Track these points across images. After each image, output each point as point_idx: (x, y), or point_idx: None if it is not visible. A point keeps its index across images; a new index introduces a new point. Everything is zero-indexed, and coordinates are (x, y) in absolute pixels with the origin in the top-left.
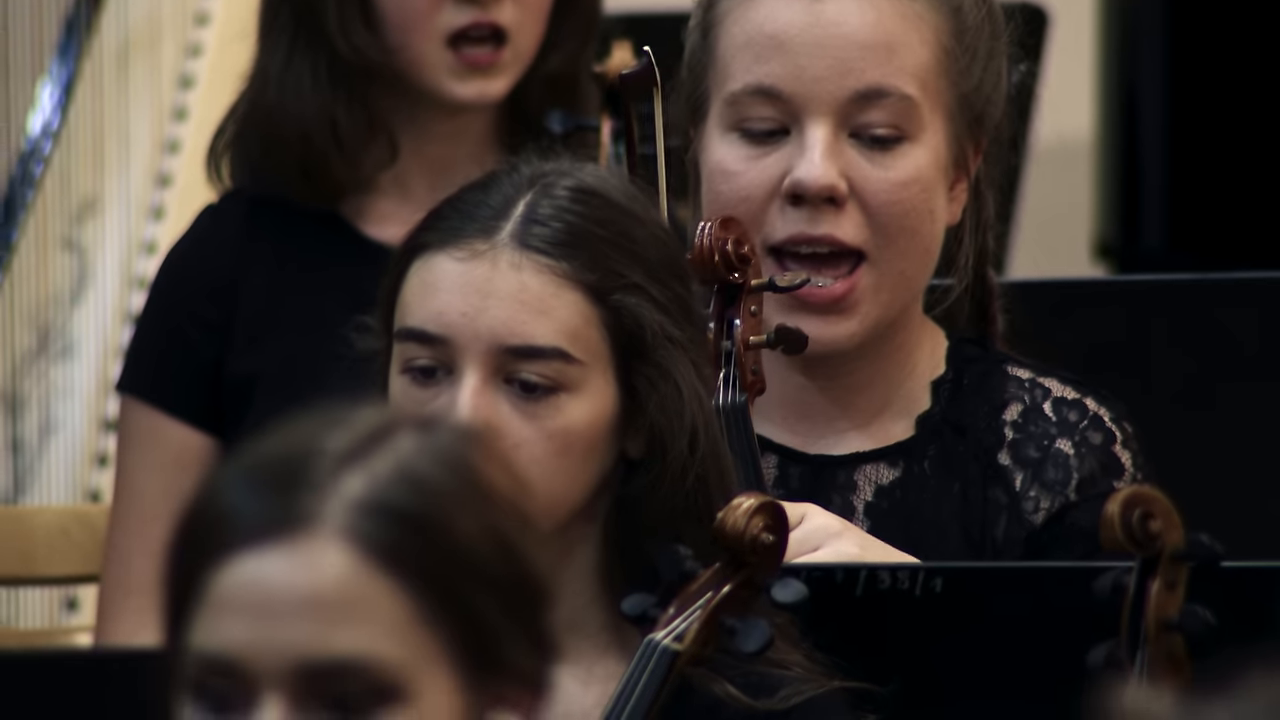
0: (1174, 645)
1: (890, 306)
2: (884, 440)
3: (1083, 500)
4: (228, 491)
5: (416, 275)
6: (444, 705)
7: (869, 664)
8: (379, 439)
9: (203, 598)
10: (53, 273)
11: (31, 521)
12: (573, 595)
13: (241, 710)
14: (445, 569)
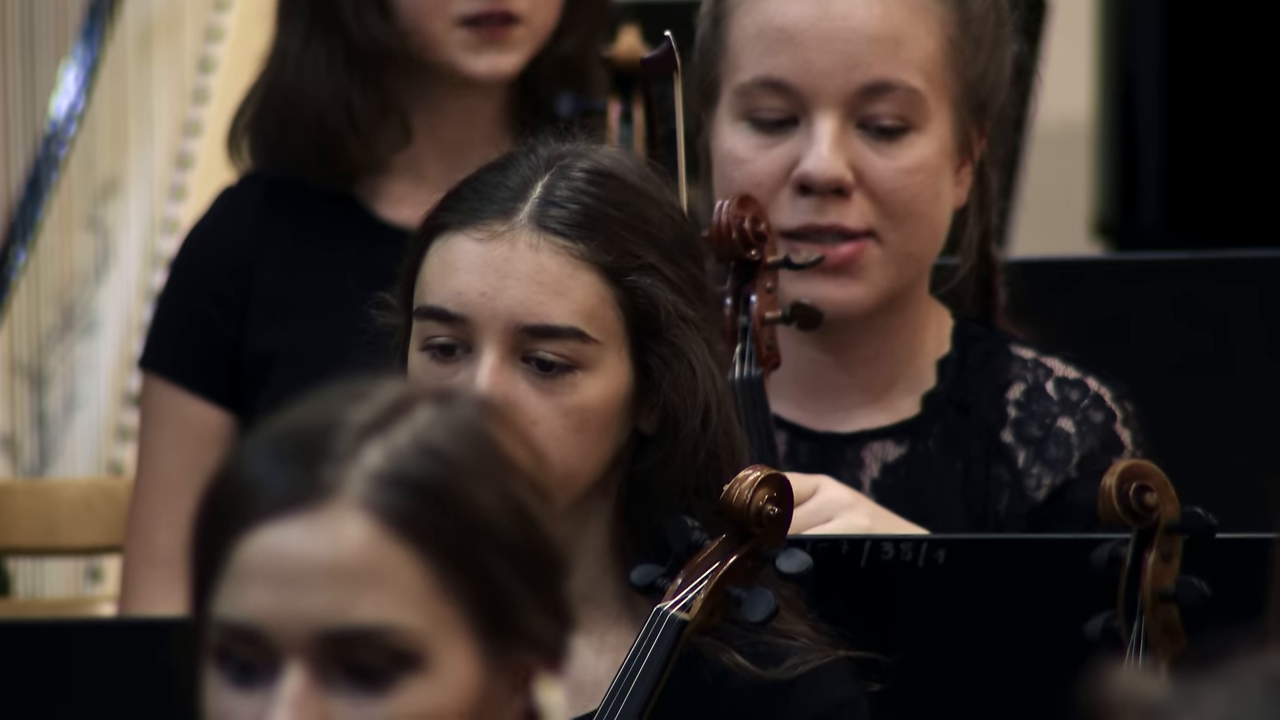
0: (1169, 615)
1: (898, 280)
2: (890, 418)
3: (1083, 476)
4: (252, 463)
5: (436, 255)
6: (463, 671)
7: (873, 634)
8: (399, 412)
9: (227, 568)
10: (76, 251)
11: (56, 494)
12: (586, 567)
13: (265, 677)
14: (463, 538)
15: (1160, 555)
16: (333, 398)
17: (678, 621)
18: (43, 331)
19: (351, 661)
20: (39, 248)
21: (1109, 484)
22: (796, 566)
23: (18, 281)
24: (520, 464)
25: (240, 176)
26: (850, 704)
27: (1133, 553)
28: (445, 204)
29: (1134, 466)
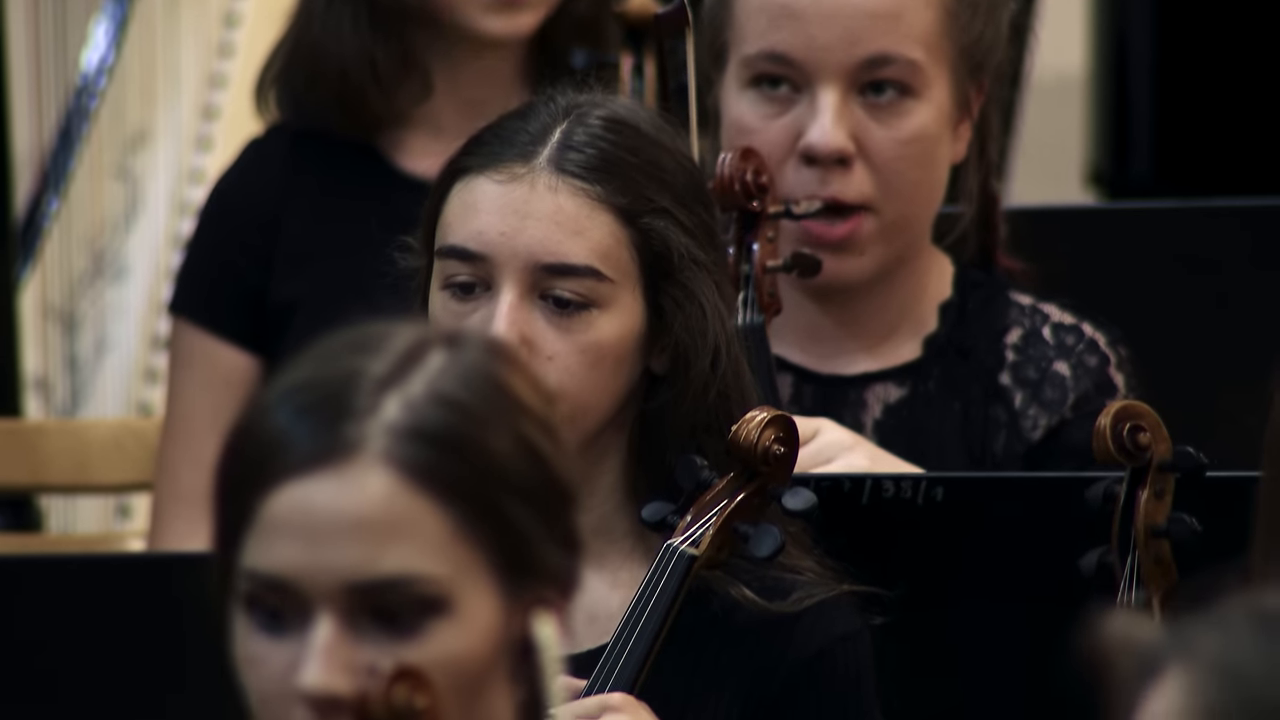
0: (1161, 550)
1: (896, 245)
2: (892, 361)
3: (1078, 418)
4: (275, 418)
5: (458, 196)
6: (485, 610)
7: (875, 569)
8: (412, 360)
9: (254, 521)
10: (106, 200)
11: (87, 434)
12: (600, 504)
13: (296, 625)
14: (480, 484)
15: (1153, 493)
16: (348, 347)
17: (687, 557)
18: (74, 277)
19: (379, 608)
20: (70, 196)
21: (1104, 424)
22: (802, 504)
23: (50, 229)
24: (530, 404)
25: (267, 128)
26: (853, 636)
27: (1126, 490)
28: (467, 149)
29: (1128, 407)
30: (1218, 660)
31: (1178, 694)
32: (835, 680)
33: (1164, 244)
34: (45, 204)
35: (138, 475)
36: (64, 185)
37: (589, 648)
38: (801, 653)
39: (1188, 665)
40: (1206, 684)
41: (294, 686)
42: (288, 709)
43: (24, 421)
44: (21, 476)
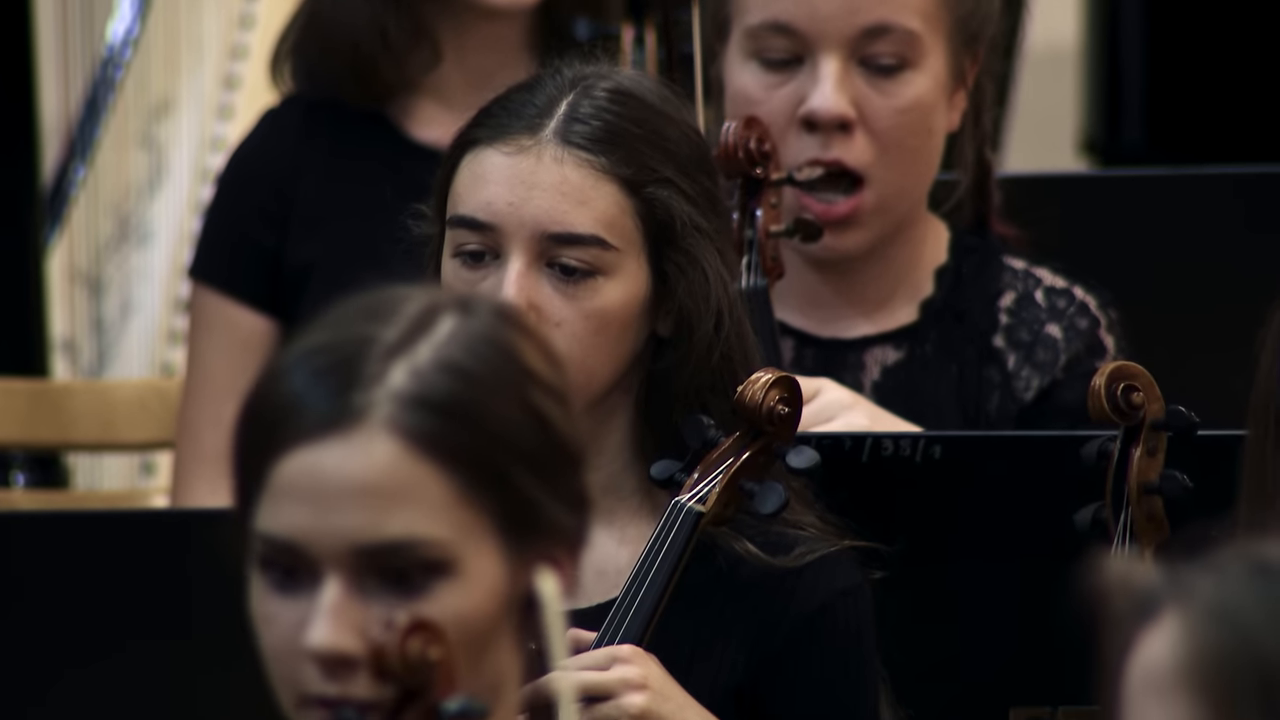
0: (1154, 506)
1: (894, 214)
2: (890, 325)
3: (1069, 378)
4: (288, 383)
5: (467, 168)
6: (490, 572)
7: (875, 525)
8: (422, 328)
9: (267, 485)
10: (131, 167)
11: (112, 394)
12: (608, 463)
13: (306, 584)
14: (484, 450)
15: (1146, 450)
16: (362, 313)
17: (694, 513)
18: (100, 242)
19: (385, 570)
20: (97, 164)
21: (1098, 384)
22: (805, 462)
23: (77, 195)
24: (538, 369)
25: (282, 98)
26: (854, 590)
27: (1120, 448)
28: (476, 121)
29: (1122, 368)
30: (1213, 605)
31: (1173, 636)
32: (837, 633)
33: (1155, 210)
34: (72, 171)
35: (161, 434)
36: (90, 153)
37: (598, 602)
38: (804, 606)
39: (1184, 609)
40: (1202, 627)
41: (303, 645)
42: (298, 666)
43: (52, 382)
44: (49, 435)
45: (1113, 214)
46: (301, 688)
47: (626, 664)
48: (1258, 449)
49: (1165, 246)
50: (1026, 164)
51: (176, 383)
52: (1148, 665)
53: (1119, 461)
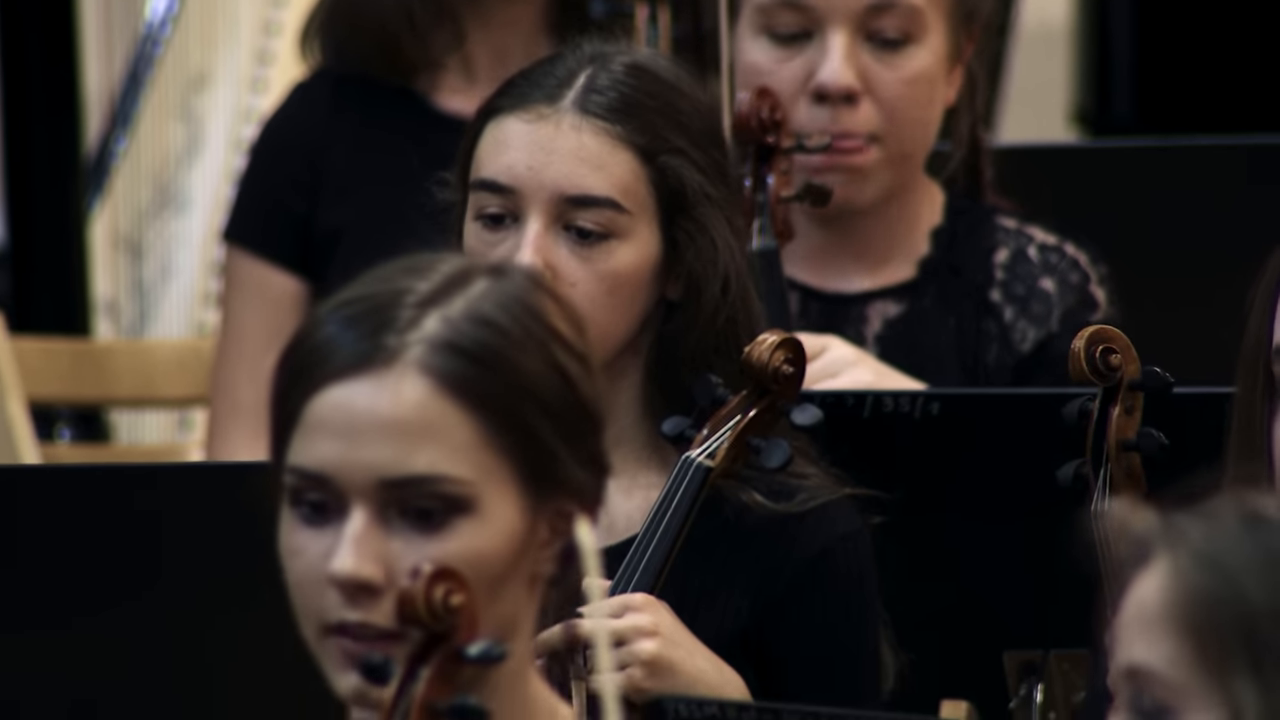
0: (1132, 463)
1: (897, 175)
2: (890, 280)
3: (1064, 331)
4: (326, 329)
5: (490, 135)
6: (508, 514)
7: (875, 478)
8: (456, 285)
9: (300, 421)
10: (170, 137)
11: (152, 353)
12: (619, 418)
13: (334, 517)
14: (510, 398)
15: (1124, 409)
16: (398, 271)
17: (704, 468)
18: (140, 208)
19: (409, 505)
20: (137, 134)
21: (1078, 347)
22: (809, 419)
23: (119, 164)
24: (563, 332)
25: (312, 72)
26: (855, 536)
27: (1099, 407)
28: (500, 91)
29: (1100, 331)
30: (1204, 550)
31: (1164, 578)
32: (838, 577)
33: (1143, 178)
34: (114, 142)
35: (198, 390)
36: (131, 124)
37: (607, 545)
38: (806, 551)
39: (1176, 553)
40: (1191, 571)
41: (328, 572)
42: (321, 594)
43: (95, 342)
44: (92, 392)
45: (1102, 182)
46: (325, 616)
47: (639, 612)
48: (1246, 402)
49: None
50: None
51: (213, 342)
52: (1139, 603)
53: (1098, 420)
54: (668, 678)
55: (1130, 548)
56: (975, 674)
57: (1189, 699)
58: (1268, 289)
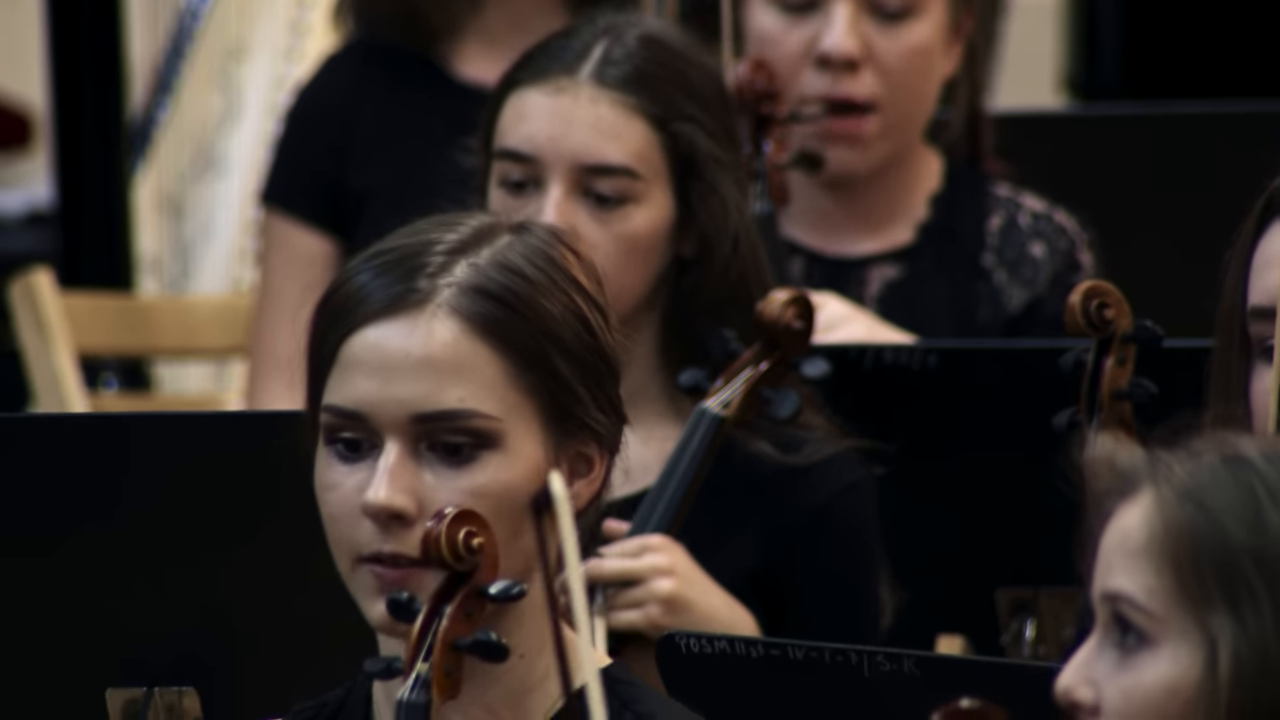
0: (1123, 411)
1: (896, 143)
2: (890, 245)
3: (1051, 294)
4: (359, 277)
5: (511, 106)
6: (532, 451)
7: (877, 426)
8: (483, 236)
9: (336, 362)
10: (210, 104)
11: (193, 308)
12: (637, 371)
13: (368, 452)
14: (534, 341)
15: (1116, 360)
16: (427, 225)
17: (718, 418)
18: (182, 171)
19: (439, 440)
20: (179, 102)
21: (1074, 301)
22: (818, 372)
23: (162, 130)
24: (584, 283)
25: (342, 43)
26: (859, 485)
27: (1093, 358)
28: (520, 64)
29: (1096, 286)
30: (1186, 486)
31: (1148, 511)
32: (842, 525)
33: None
34: (157, 108)
35: (236, 343)
36: (173, 92)
37: (626, 494)
38: (813, 501)
39: (1159, 487)
40: (1173, 505)
41: (362, 503)
42: (356, 525)
43: (139, 297)
44: (137, 345)
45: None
46: (358, 547)
47: (656, 552)
48: (1223, 356)
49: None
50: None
51: (250, 298)
52: (1123, 533)
53: (1093, 370)
54: (683, 614)
55: (1115, 480)
56: (970, 611)
57: (1166, 629)
58: (1242, 251)
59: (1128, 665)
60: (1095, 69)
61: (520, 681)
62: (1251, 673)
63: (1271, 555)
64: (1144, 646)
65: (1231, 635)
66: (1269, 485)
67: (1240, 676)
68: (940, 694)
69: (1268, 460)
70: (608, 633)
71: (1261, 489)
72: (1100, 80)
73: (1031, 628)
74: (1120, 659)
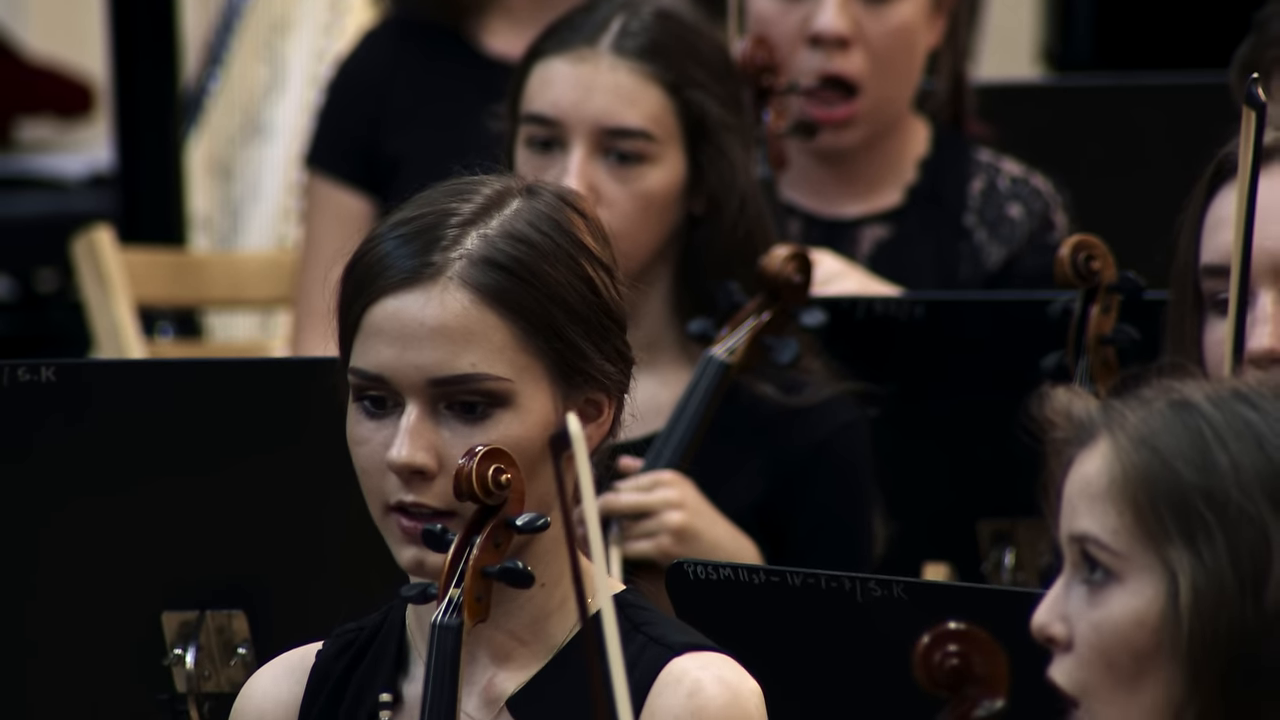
0: (1108, 354)
1: (884, 117)
2: (880, 207)
3: (1027, 251)
4: (380, 247)
5: (537, 73)
6: (542, 406)
7: (869, 371)
8: (494, 205)
9: (360, 329)
10: (257, 75)
11: (241, 263)
12: (650, 321)
13: (392, 410)
14: (540, 307)
15: (1102, 308)
16: (445, 193)
17: (724, 363)
18: (231, 137)
19: (455, 400)
20: (229, 73)
21: (1064, 253)
22: (816, 321)
23: (213, 99)
24: (590, 244)
25: (379, 20)
26: (853, 425)
27: (1080, 306)
28: (544, 35)
29: (1084, 240)
30: (1139, 432)
31: (1104, 458)
32: (839, 461)
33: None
34: (209, 79)
35: (281, 295)
36: (223, 64)
37: (644, 434)
38: (812, 439)
39: (1115, 435)
40: (1128, 451)
41: (387, 460)
42: (383, 477)
43: (191, 253)
44: (190, 296)
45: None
46: (386, 497)
47: (667, 487)
48: (1177, 310)
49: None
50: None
51: (294, 254)
52: (1084, 479)
53: (1079, 317)
54: (692, 544)
55: (1074, 430)
56: (954, 541)
57: (1129, 565)
58: (1194, 212)
59: (1096, 601)
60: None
61: (541, 608)
62: (1209, 601)
63: (1220, 492)
64: (1110, 582)
65: (1189, 567)
66: (1215, 428)
67: (1199, 605)
68: (927, 617)
69: (1213, 404)
70: (622, 561)
71: (1209, 431)
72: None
73: (1010, 556)
74: (1089, 595)
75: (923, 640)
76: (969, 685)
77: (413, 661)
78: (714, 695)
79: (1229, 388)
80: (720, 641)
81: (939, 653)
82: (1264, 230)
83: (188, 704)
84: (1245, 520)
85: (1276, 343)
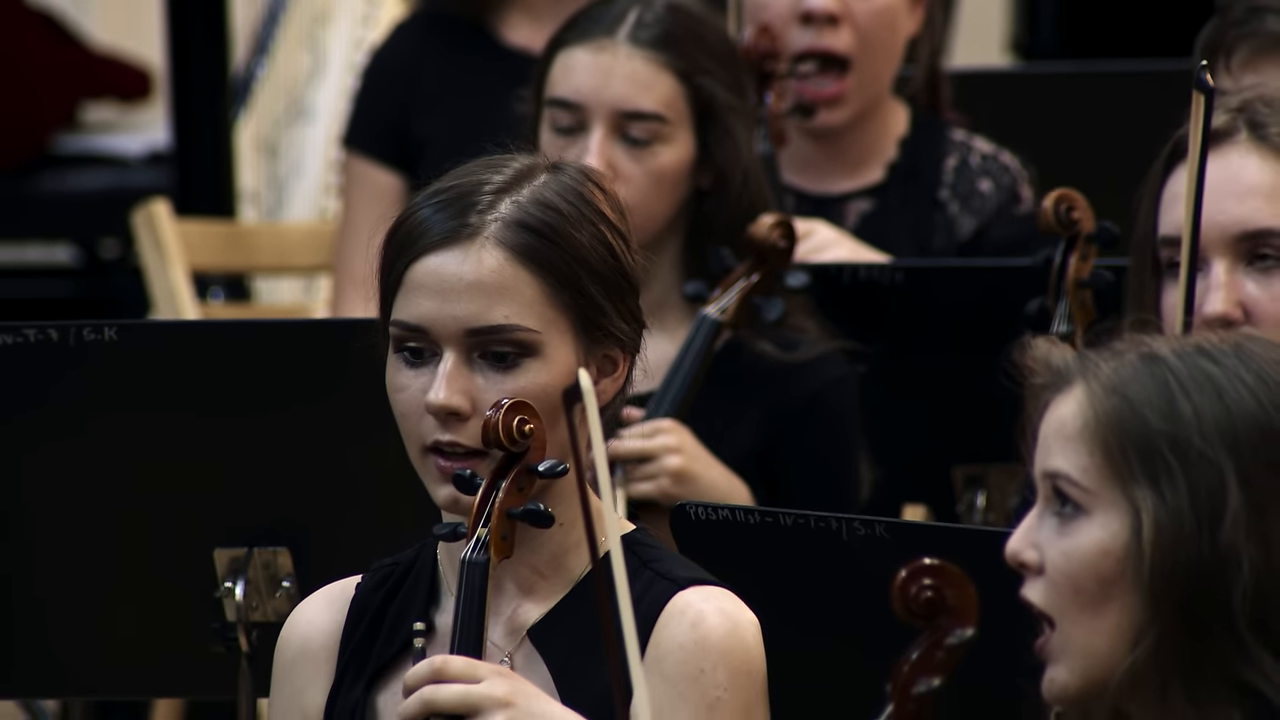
0: (1085, 297)
1: (869, 96)
2: (864, 183)
3: (995, 221)
4: (421, 212)
5: (560, 62)
6: (566, 357)
7: (856, 331)
8: (524, 177)
9: (402, 285)
10: (299, 62)
11: (286, 233)
12: (661, 285)
13: (430, 359)
14: (566, 266)
15: (1080, 256)
16: (478, 167)
17: (716, 321)
18: (277, 119)
19: (489, 350)
20: (274, 60)
21: (1048, 205)
22: (799, 282)
23: (260, 84)
24: (609, 215)
25: (410, 13)
26: (843, 379)
27: (1061, 253)
28: (566, 27)
29: (1065, 193)
30: (1111, 381)
31: (1078, 403)
32: (829, 411)
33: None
34: (256, 65)
35: (322, 262)
36: (269, 52)
37: (650, 389)
38: (805, 391)
39: (1089, 382)
40: (1100, 397)
41: (426, 402)
42: (421, 420)
43: (240, 224)
44: (239, 263)
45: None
46: (423, 438)
47: (667, 434)
48: (1137, 276)
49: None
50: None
51: (334, 225)
52: (1059, 421)
53: (1060, 263)
54: (689, 485)
55: (1051, 376)
56: (931, 485)
57: (1098, 500)
58: (1152, 188)
59: (1066, 531)
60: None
61: (560, 545)
62: (1169, 536)
63: (1183, 438)
64: (1079, 515)
65: (1152, 505)
66: (1180, 379)
67: (1160, 540)
68: (906, 554)
69: (1179, 357)
70: (627, 501)
71: (1174, 382)
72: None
73: (981, 498)
74: (1060, 526)
75: (900, 575)
76: (942, 616)
77: (444, 594)
78: (715, 625)
79: (1193, 343)
80: (720, 576)
81: (915, 586)
82: (1217, 205)
83: (237, 632)
84: (1205, 464)
85: (1228, 308)
